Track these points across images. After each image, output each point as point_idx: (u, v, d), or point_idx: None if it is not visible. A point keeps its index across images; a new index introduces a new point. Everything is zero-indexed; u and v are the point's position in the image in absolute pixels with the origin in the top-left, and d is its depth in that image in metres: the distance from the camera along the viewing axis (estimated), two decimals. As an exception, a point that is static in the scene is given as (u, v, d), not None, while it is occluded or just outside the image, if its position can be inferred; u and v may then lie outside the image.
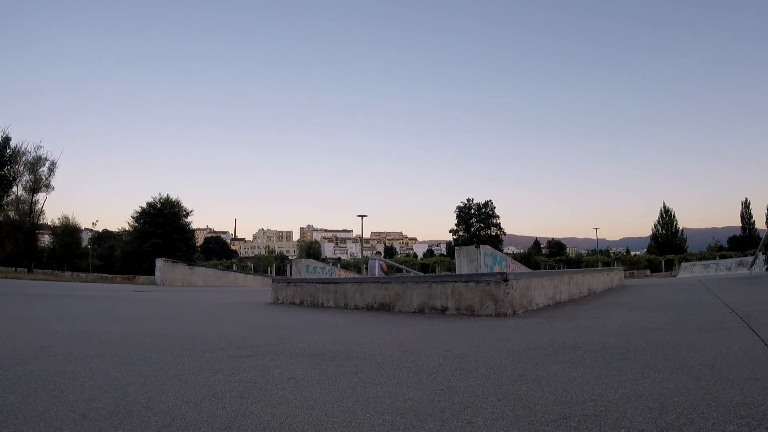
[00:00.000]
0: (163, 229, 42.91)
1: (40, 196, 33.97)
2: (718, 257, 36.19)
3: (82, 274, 30.19)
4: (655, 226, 58.37)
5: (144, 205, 44.95)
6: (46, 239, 48.43)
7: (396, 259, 50.74)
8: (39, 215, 35.04)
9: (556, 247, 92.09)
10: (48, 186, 33.84)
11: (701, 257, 42.67)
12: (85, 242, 52.01)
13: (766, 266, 12.52)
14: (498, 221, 64.89)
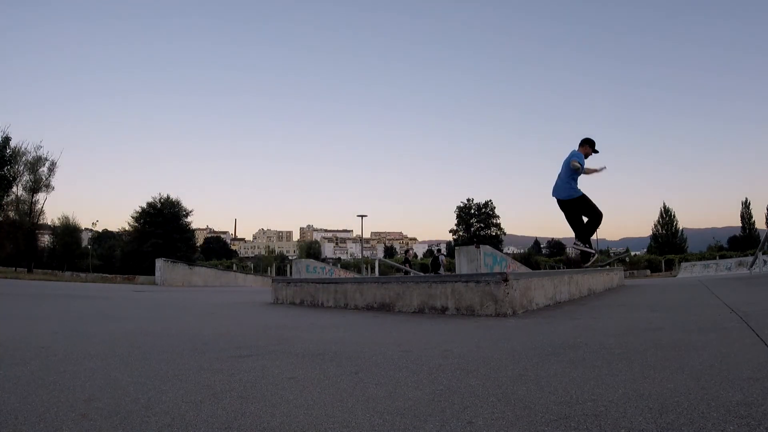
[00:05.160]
0: (163, 229, 42.91)
1: (40, 196, 33.98)
2: (718, 257, 36.18)
3: (82, 274, 30.18)
4: (655, 226, 58.38)
5: (144, 205, 45.00)
6: (46, 239, 48.49)
7: (396, 259, 50.72)
8: (39, 215, 35.04)
9: (556, 247, 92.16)
10: (48, 186, 33.85)
11: (701, 257, 42.64)
12: (85, 242, 52.00)
13: None
14: (498, 221, 64.97)
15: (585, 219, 6.22)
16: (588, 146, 6.49)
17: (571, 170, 5.99)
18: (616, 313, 4.16)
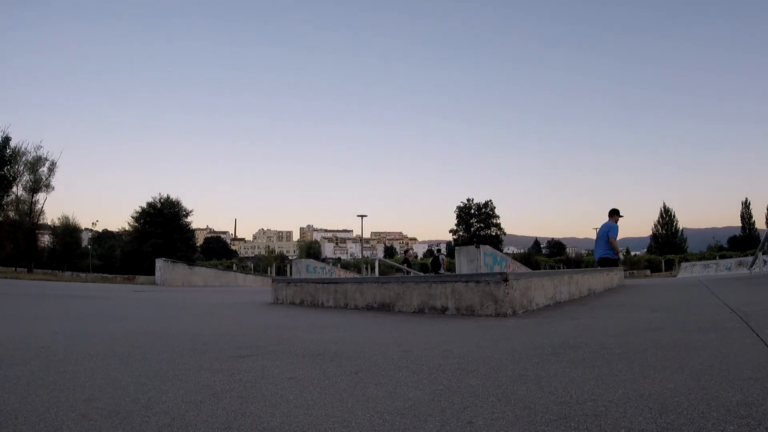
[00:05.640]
0: (163, 229, 42.88)
1: (40, 196, 33.96)
2: (718, 257, 36.15)
3: (82, 274, 30.16)
4: (655, 226, 58.32)
5: (144, 205, 44.97)
6: (46, 239, 48.48)
7: (396, 259, 50.72)
8: (39, 215, 35.02)
9: (556, 247, 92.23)
10: (48, 186, 33.84)
11: (701, 257, 42.60)
12: (85, 242, 51.97)
13: None
14: (498, 221, 64.90)
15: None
16: (617, 215, 8.41)
17: (610, 243, 8.47)
18: (616, 313, 4.16)
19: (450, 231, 65.97)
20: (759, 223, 56.91)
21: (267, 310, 5.97)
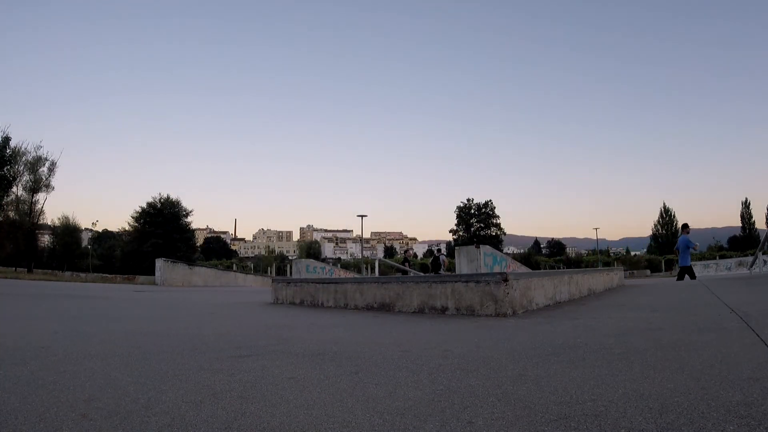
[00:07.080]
0: (163, 229, 42.85)
1: (40, 196, 33.91)
2: (718, 257, 36.14)
3: (82, 274, 30.14)
4: (655, 226, 58.27)
5: (144, 205, 44.91)
6: (46, 239, 48.43)
7: (395, 259, 50.70)
8: (39, 215, 34.97)
9: (556, 247, 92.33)
10: (48, 186, 33.78)
11: (701, 257, 42.59)
12: (85, 242, 51.93)
13: None
14: (498, 221, 64.84)
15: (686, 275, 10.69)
16: (688, 228, 10.76)
17: (689, 249, 10.56)
18: (616, 313, 4.16)
19: (450, 231, 65.95)
20: (759, 223, 56.94)
21: (267, 310, 5.97)
